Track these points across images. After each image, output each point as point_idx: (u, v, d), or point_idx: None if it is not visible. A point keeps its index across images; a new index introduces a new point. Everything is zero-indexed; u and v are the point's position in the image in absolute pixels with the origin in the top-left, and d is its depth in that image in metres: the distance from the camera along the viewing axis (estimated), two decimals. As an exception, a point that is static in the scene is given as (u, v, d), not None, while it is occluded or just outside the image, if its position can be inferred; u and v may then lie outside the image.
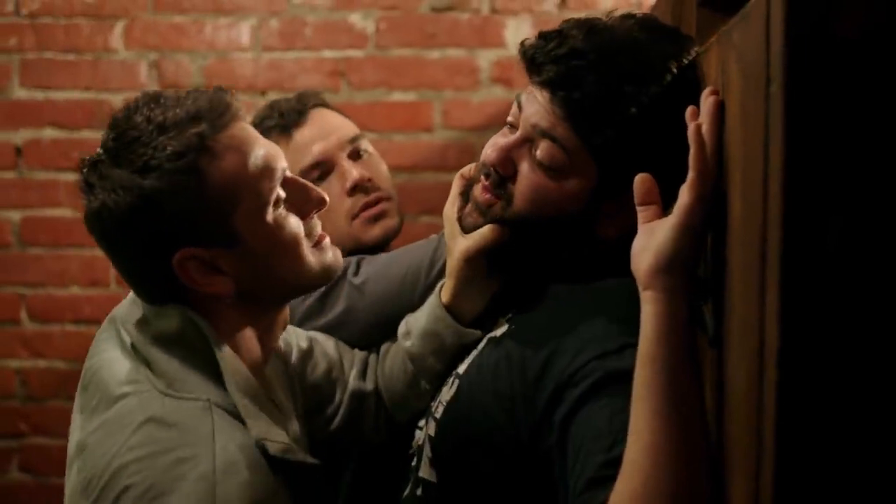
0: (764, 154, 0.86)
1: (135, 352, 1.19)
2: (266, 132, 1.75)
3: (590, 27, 1.21)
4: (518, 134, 1.25)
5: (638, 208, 1.09)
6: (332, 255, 1.27)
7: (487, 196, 1.27)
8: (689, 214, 1.03)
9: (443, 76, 2.64)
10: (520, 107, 1.25)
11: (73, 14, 2.72)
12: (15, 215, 2.73)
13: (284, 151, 1.71)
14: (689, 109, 1.07)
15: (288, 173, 1.23)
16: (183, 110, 1.14)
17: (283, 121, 1.77)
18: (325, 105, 1.85)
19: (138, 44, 2.70)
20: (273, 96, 2.63)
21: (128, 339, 1.21)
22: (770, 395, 0.83)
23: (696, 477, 1.00)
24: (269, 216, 1.17)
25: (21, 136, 2.70)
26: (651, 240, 1.05)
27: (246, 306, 1.20)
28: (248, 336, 1.22)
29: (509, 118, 1.27)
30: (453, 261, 1.32)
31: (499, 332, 1.28)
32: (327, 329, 1.51)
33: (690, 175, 1.03)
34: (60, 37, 2.72)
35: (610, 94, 1.17)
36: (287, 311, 1.31)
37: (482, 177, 1.28)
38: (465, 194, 1.33)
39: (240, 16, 2.68)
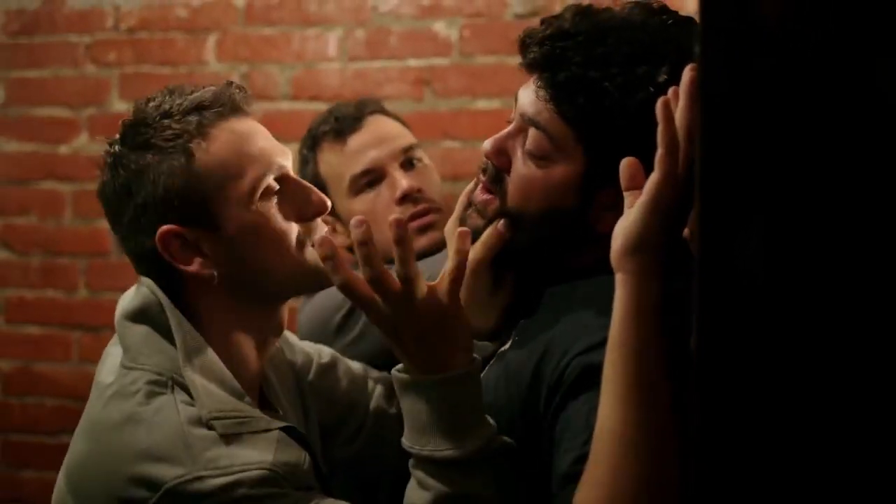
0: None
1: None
2: (321, 136, 1.77)
3: (583, 10, 1.17)
4: (512, 125, 1.21)
5: (624, 194, 1.05)
6: None
7: (485, 196, 1.23)
8: (656, 192, 0.99)
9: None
10: (516, 100, 1.22)
11: (168, 28, 2.80)
12: (114, 224, 2.83)
13: (338, 156, 1.74)
14: (672, 88, 1.02)
15: (291, 173, 1.25)
16: (189, 100, 1.20)
17: (338, 125, 1.77)
18: (384, 112, 1.84)
19: (230, 56, 2.77)
20: (359, 105, 2.67)
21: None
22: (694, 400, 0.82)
23: (663, 465, 0.96)
24: (254, 206, 1.19)
25: (120, 148, 2.79)
26: (624, 221, 1.02)
27: (234, 298, 1.21)
28: (237, 329, 1.23)
29: (511, 113, 1.24)
30: None
31: (507, 346, 1.24)
32: (354, 341, 1.50)
33: (658, 151, 0.99)
34: (157, 51, 2.81)
35: (595, 75, 1.12)
36: (284, 313, 1.30)
37: (480, 174, 1.25)
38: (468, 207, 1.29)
39: (327, 26, 2.72)
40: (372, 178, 1.75)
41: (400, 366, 1.15)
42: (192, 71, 2.78)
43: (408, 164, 1.77)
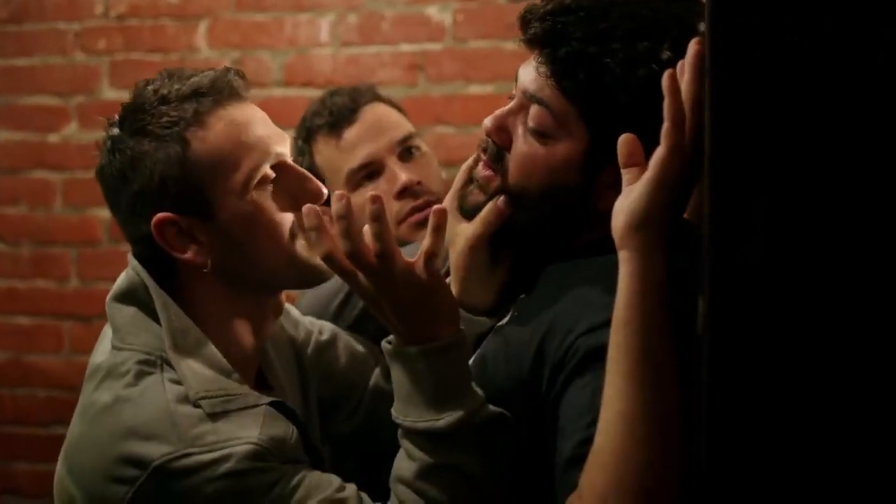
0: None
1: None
2: (316, 129, 1.73)
3: None
4: (513, 102, 1.20)
5: (622, 171, 1.04)
6: None
7: (487, 172, 1.22)
8: (662, 167, 0.97)
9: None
10: (516, 77, 1.21)
11: (158, 15, 2.77)
12: (105, 213, 2.77)
13: (334, 150, 1.70)
14: (679, 62, 1.01)
15: (288, 161, 1.23)
16: (187, 86, 1.19)
17: (332, 118, 1.73)
18: (380, 99, 1.80)
19: (221, 42, 2.74)
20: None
21: None
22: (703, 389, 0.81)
23: (670, 448, 0.95)
24: (249, 196, 1.19)
25: (110, 136, 2.76)
26: (628, 199, 1.01)
27: (229, 285, 1.21)
28: (231, 314, 1.23)
29: (512, 91, 1.22)
30: (456, 252, 1.26)
31: (504, 320, 1.23)
32: (352, 325, 1.49)
33: (665, 125, 0.97)
34: (147, 38, 2.79)
35: (596, 51, 1.11)
36: (281, 298, 1.30)
37: (481, 152, 1.23)
38: (466, 186, 1.28)
39: (319, 12, 2.69)
40: (369, 171, 1.71)
41: (390, 337, 1.15)
42: (183, 58, 2.75)
43: (406, 153, 1.73)
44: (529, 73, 1.17)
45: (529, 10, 1.18)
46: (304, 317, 1.46)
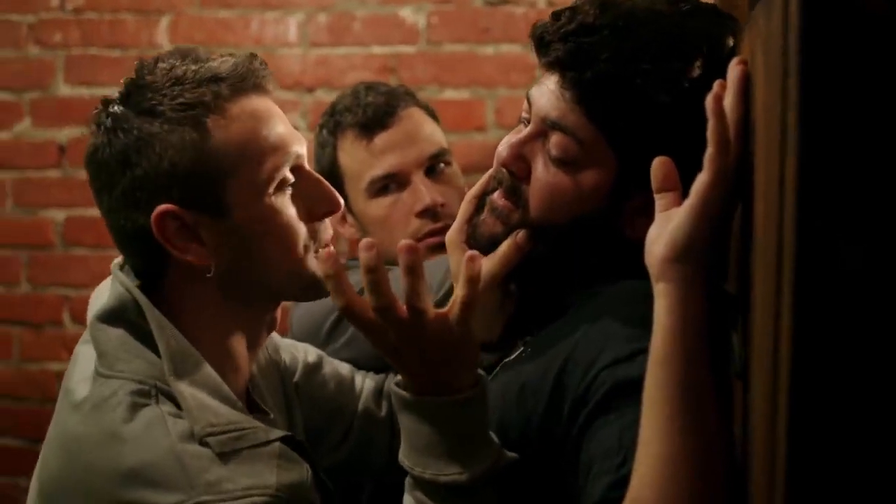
0: (780, 159, 0.73)
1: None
2: (346, 126, 1.65)
3: (603, 1, 1.09)
4: (529, 129, 1.13)
5: (655, 196, 0.97)
6: None
7: (505, 202, 1.15)
8: (706, 194, 0.91)
9: (497, 73, 2.53)
10: (529, 100, 1.14)
11: (117, 9, 2.66)
12: (59, 215, 2.69)
13: (361, 153, 1.64)
14: (717, 82, 0.94)
15: (306, 164, 1.15)
16: (205, 68, 1.08)
17: (365, 119, 1.63)
18: (417, 104, 1.70)
19: (184, 39, 2.63)
20: (321, 93, 2.56)
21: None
22: (781, 433, 0.73)
23: (715, 490, 0.89)
24: (266, 197, 1.09)
25: (65, 134, 2.65)
26: (665, 227, 0.94)
27: (227, 293, 1.11)
28: (226, 326, 1.14)
29: (522, 114, 1.15)
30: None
31: (513, 355, 1.17)
32: (346, 344, 1.42)
33: (709, 150, 0.91)
34: (105, 32, 2.67)
35: (625, 72, 1.05)
36: (277, 314, 1.21)
37: (496, 184, 1.16)
38: (475, 216, 1.20)
39: (287, 10, 2.60)
40: (393, 182, 1.63)
41: (399, 379, 1.06)
42: (142, 54, 2.59)
43: (433, 170, 1.65)
44: (549, 98, 1.10)
45: (545, 29, 1.10)
46: (286, 340, 1.38)
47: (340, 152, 1.66)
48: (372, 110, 1.64)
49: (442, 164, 1.66)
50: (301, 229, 1.12)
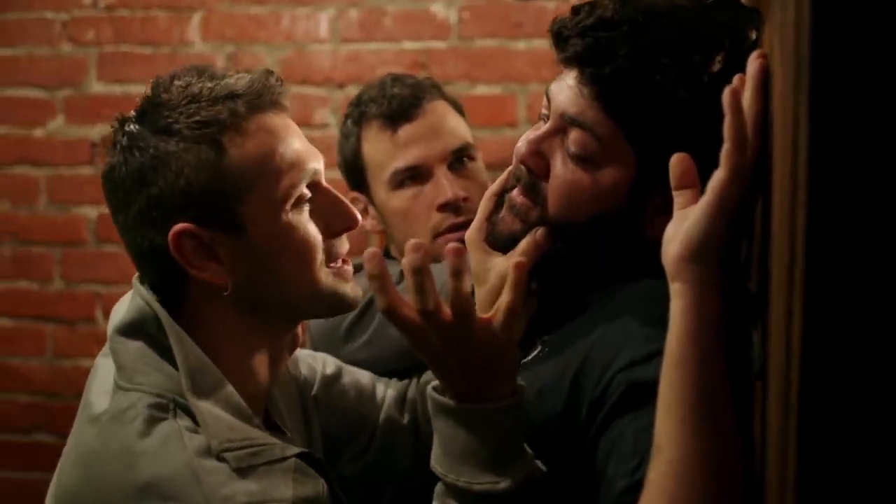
0: (793, 152, 0.72)
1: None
2: (371, 117, 1.63)
3: None
4: (548, 125, 1.11)
5: (674, 193, 0.95)
6: (351, 287, 1.15)
7: (524, 199, 1.13)
8: (722, 191, 0.88)
9: (529, 68, 2.50)
10: (548, 97, 1.12)
11: (149, 6, 2.67)
12: (91, 212, 2.70)
13: (385, 144, 1.62)
14: (737, 76, 0.92)
15: (323, 181, 1.14)
16: (221, 85, 1.08)
17: (390, 110, 1.62)
18: (443, 96, 1.69)
19: (215, 36, 2.64)
20: (352, 89, 2.54)
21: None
22: (793, 431, 0.71)
23: (729, 496, 0.87)
24: (283, 214, 1.09)
25: (98, 131, 2.66)
26: (681, 226, 0.92)
27: (247, 313, 1.11)
28: (246, 344, 1.13)
29: (542, 110, 1.13)
30: (487, 289, 1.15)
31: (531, 355, 1.15)
32: (364, 346, 1.41)
33: (725, 146, 0.88)
34: (137, 30, 2.68)
35: (644, 68, 1.03)
36: (298, 332, 1.20)
37: (515, 181, 1.14)
38: (494, 213, 1.18)
39: (318, 6, 2.59)
40: (416, 174, 1.61)
41: (436, 384, 1.04)
42: (174, 51, 2.65)
43: (457, 163, 1.63)
44: (567, 94, 1.08)
45: (564, 24, 1.08)
46: (304, 352, 1.36)
47: (364, 143, 1.65)
48: (397, 102, 1.62)
49: (466, 159, 1.64)
50: (318, 245, 1.11)
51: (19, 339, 2.76)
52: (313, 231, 1.11)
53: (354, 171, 1.67)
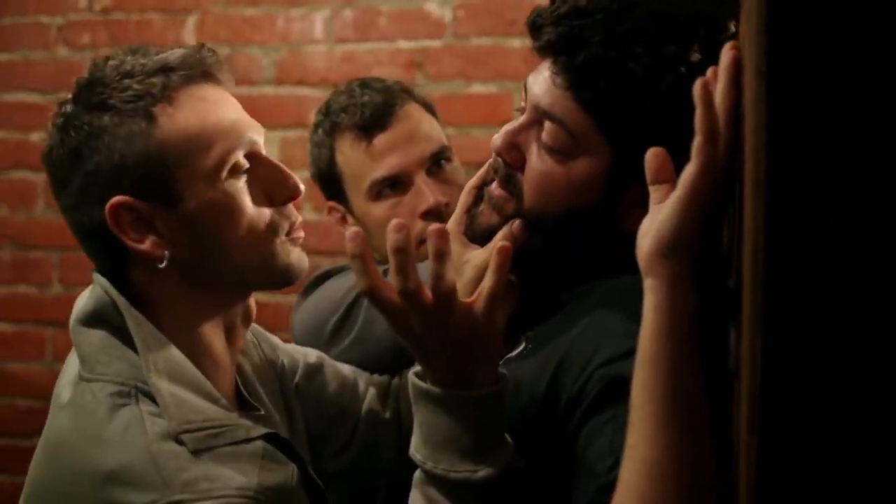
0: (756, 141, 0.71)
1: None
2: (344, 128, 1.59)
3: None
4: (524, 117, 1.09)
5: (650, 188, 0.93)
6: (297, 256, 1.14)
7: (502, 192, 1.12)
8: (693, 186, 0.86)
9: (524, 66, 2.45)
10: (525, 88, 1.10)
11: (144, 9, 2.67)
12: (89, 215, 2.70)
13: (360, 155, 1.58)
14: (710, 69, 0.90)
15: (262, 151, 1.12)
16: (154, 61, 1.07)
17: (362, 120, 1.58)
18: (414, 99, 1.65)
19: (210, 38, 2.63)
20: (347, 90, 2.54)
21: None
22: (755, 430, 0.72)
23: (702, 496, 0.85)
24: (218, 183, 1.07)
25: (95, 135, 2.66)
26: (655, 220, 0.90)
27: (189, 283, 1.10)
28: (197, 317, 1.11)
29: (521, 102, 1.12)
30: (464, 281, 1.14)
31: (515, 351, 1.14)
32: (350, 345, 1.39)
33: (696, 139, 0.86)
34: (132, 32, 2.68)
35: (618, 56, 1.01)
36: (250, 301, 1.18)
37: (494, 174, 1.14)
38: (473, 207, 1.18)
39: (312, 7, 2.59)
40: (395, 183, 1.58)
41: (418, 369, 1.03)
42: (170, 54, 2.65)
43: (435, 167, 1.60)
44: (542, 85, 1.07)
45: (539, 13, 1.07)
46: (284, 344, 1.35)
47: (338, 154, 1.61)
48: (370, 110, 1.58)
49: (443, 161, 1.61)
50: (262, 215, 1.10)
51: (19, 344, 2.77)
52: (251, 201, 1.09)
53: (330, 182, 1.64)
